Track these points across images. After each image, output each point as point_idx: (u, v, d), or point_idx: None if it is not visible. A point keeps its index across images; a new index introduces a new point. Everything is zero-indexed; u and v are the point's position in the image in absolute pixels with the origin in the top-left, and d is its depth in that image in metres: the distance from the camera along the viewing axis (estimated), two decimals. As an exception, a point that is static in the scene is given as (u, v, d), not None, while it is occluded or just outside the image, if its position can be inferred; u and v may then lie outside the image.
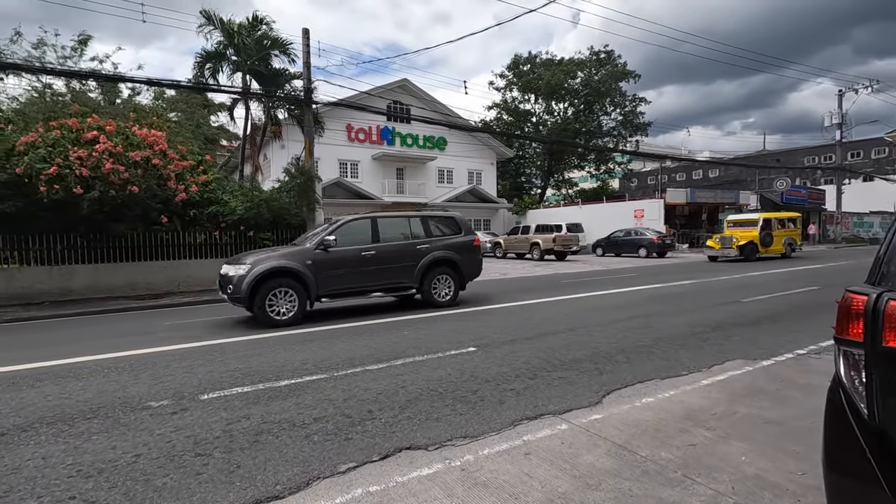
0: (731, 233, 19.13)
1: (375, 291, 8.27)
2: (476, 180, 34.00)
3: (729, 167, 64.04)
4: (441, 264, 8.73)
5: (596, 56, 42.89)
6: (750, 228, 19.07)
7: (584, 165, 49.16)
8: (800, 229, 21.16)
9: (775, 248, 19.24)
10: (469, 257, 9.10)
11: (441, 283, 8.80)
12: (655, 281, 12.30)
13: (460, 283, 9.07)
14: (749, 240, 18.49)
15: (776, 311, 7.64)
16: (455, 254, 8.85)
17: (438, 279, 8.75)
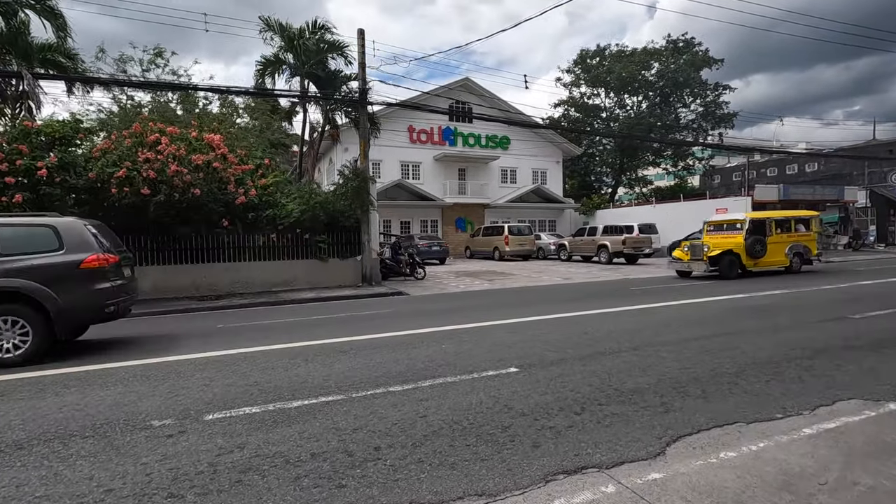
0: (707, 240, 14.29)
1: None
2: (541, 179, 32.79)
3: (829, 161, 57.30)
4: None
5: (674, 44, 39.97)
6: (734, 233, 14.25)
7: (659, 162, 46.04)
8: (819, 233, 15.67)
9: (772, 260, 14.37)
10: (69, 289, 5.87)
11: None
12: (738, 290, 10.80)
13: (49, 331, 5.84)
14: (726, 248, 13.56)
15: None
16: (35, 284, 5.75)
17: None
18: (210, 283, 12.54)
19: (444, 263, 22.37)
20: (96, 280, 6.06)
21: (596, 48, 42.21)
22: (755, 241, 13.82)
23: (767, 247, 14.06)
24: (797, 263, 14.77)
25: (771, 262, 14.41)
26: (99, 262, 6.09)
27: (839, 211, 26.59)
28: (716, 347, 5.65)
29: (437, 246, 21.85)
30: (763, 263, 14.20)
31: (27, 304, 5.75)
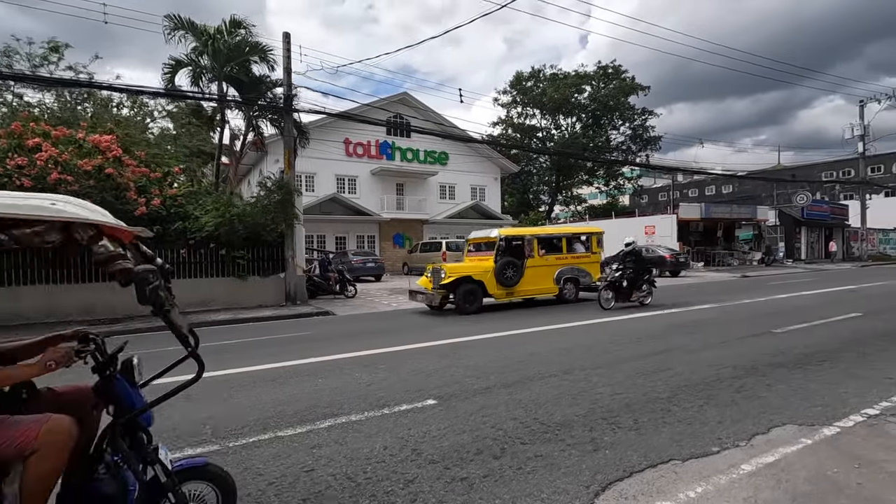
0: (446, 266, 11.11)
1: None
2: (479, 196, 32.87)
3: (743, 183, 62.39)
4: None
5: (603, 70, 41.98)
6: (488, 255, 11.40)
7: (593, 181, 47.92)
8: (601, 255, 12.68)
9: (534, 288, 11.47)
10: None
11: None
12: (669, 306, 10.91)
13: None
14: (464, 275, 10.66)
15: (823, 348, 6.23)
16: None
17: None
18: (108, 305, 11.04)
19: (379, 280, 21.55)
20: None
21: (531, 70, 43.50)
22: (505, 265, 10.91)
23: (525, 271, 11.19)
24: (570, 292, 11.93)
25: (532, 291, 11.51)
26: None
27: (753, 229, 28.56)
28: (650, 367, 5.35)
29: (371, 262, 21.00)
30: (521, 292, 11.33)
31: None
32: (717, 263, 25.91)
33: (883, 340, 6.54)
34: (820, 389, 4.47)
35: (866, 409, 3.92)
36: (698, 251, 26.06)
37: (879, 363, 5.35)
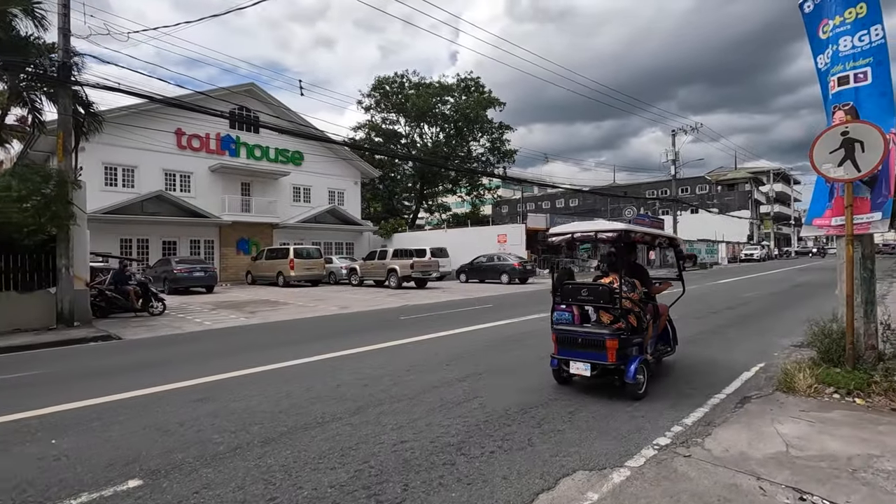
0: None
1: None
2: (338, 200, 31.26)
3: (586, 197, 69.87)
4: None
5: (464, 82, 43.31)
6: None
7: (455, 190, 49.13)
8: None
9: None
10: None
11: None
12: (509, 315, 10.79)
13: None
14: None
15: (629, 359, 6.21)
16: None
17: None
18: None
19: (211, 291, 18.83)
20: None
21: (394, 75, 43.17)
22: None
23: None
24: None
25: None
26: None
27: (591, 239, 31.41)
28: (455, 398, 4.66)
29: (200, 271, 18.23)
30: None
31: None
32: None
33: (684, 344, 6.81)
34: (618, 413, 4.15)
35: (658, 439, 3.61)
36: (545, 259, 27.74)
37: (677, 377, 5.37)
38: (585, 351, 4.67)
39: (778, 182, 71.77)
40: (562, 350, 4.92)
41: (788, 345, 6.97)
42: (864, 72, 4.84)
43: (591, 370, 4.60)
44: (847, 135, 4.65)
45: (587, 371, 4.63)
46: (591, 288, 5.00)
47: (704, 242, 47.21)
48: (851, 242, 4.67)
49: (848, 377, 4.54)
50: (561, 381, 5.11)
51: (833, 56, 5.07)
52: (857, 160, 4.61)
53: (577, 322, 4.95)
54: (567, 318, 5.00)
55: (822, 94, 5.38)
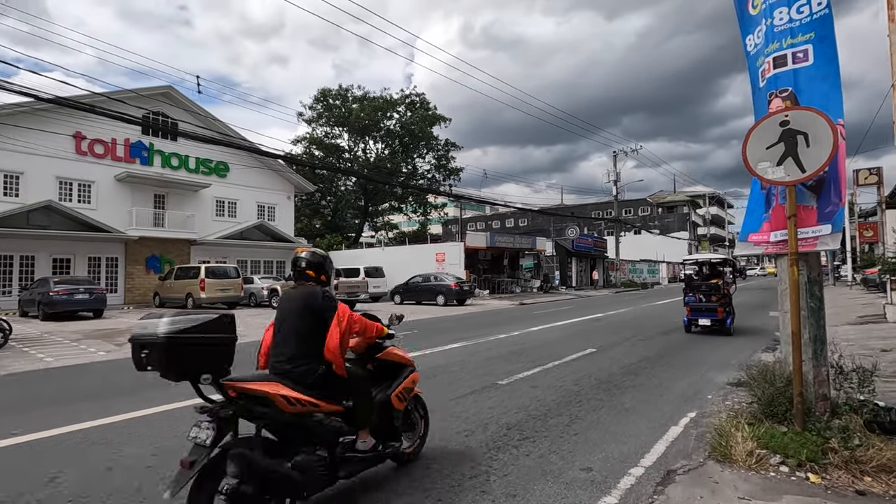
0: None
1: None
2: (268, 215, 29.11)
3: (536, 217, 70.41)
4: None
5: (408, 98, 42.43)
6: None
7: (402, 208, 47.77)
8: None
9: None
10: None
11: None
12: (430, 344, 9.40)
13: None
14: None
15: (536, 410, 4.95)
16: None
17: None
18: None
19: (100, 316, 16.32)
20: None
21: (338, 88, 41.76)
22: None
23: None
24: None
25: None
26: None
27: (534, 258, 30.82)
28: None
29: (84, 293, 15.71)
30: None
31: None
32: (501, 291, 26.87)
33: (601, 391, 5.63)
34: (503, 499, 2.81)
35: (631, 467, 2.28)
36: (486, 279, 26.73)
37: (582, 441, 4.11)
38: (707, 314, 10.13)
39: (713, 205, 75.23)
40: (693, 314, 10.34)
41: (724, 382, 5.95)
42: (805, 50, 3.88)
43: (710, 322, 10.08)
44: (787, 125, 3.64)
45: (708, 322, 10.12)
46: (707, 284, 10.44)
47: (646, 263, 48.06)
48: (796, 263, 3.61)
49: (798, 442, 3.42)
50: (688, 331, 10.51)
51: (767, 33, 4.11)
52: (800, 157, 3.59)
53: (697, 301, 10.32)
54: (692, 300, 10.39)
55: (752, 84, 4.42)
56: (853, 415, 3.59)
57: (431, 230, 55.98)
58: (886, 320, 10.77)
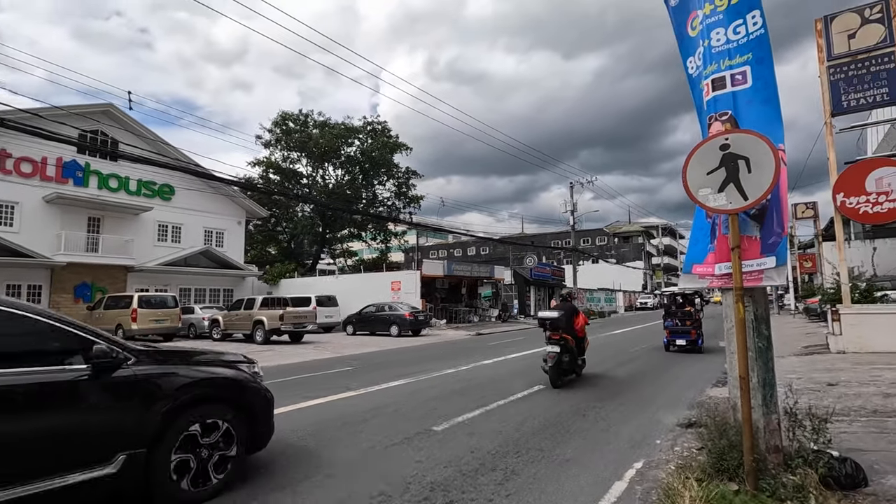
0: None
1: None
2: (216, 241, 27.73)
3: (497, 246, 70.87)
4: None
5: (370, 125, 42.25)
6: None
7: (362, 235, 46.88)
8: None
9: None
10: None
11: None
12: (370, 380, 8.69)
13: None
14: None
15: (468, 465, 4.38)
16: None
17: None
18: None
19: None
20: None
21: (298, 112, 41.16)
22: None
23: None
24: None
25: None
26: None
27: (492, 287, 30.58)
28: None
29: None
30: None
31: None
32: (459, 320, 26.33)
33: (545, 437, 5.13)
34: None
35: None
36: (443, 308, 26.15)
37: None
38: (683, 335, 12.25)
39: (666, 236, 78.04)
40: (672, 335, 12.47)
41: (674, 424, 5.57)
42: (743, 72, 3.66)
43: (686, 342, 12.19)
44: (728, 149, 3.36)
45: (684, 342, 12.23)
46: (682, 311, 12.67)
47: (604, 291, 48.76)
48: (742, 299, 3.27)
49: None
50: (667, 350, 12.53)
51: (705, 55, 3.89)
52: (742, 183, 3.30)
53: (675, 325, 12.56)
54: (671, 324, 12.60)
55: (697, 108, 4.20)
56: (808, 469, 3.21)
57: (392, 258, 55.12)
58: (829, 350, 10.87)
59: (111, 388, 3.17)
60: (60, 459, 2.90)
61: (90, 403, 3.09)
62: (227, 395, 3.83)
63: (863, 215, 10.47)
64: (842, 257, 11.21)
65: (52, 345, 3.10)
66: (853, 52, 10.91)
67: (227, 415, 3.72)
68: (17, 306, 3.08)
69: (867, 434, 4.68)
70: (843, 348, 10.55)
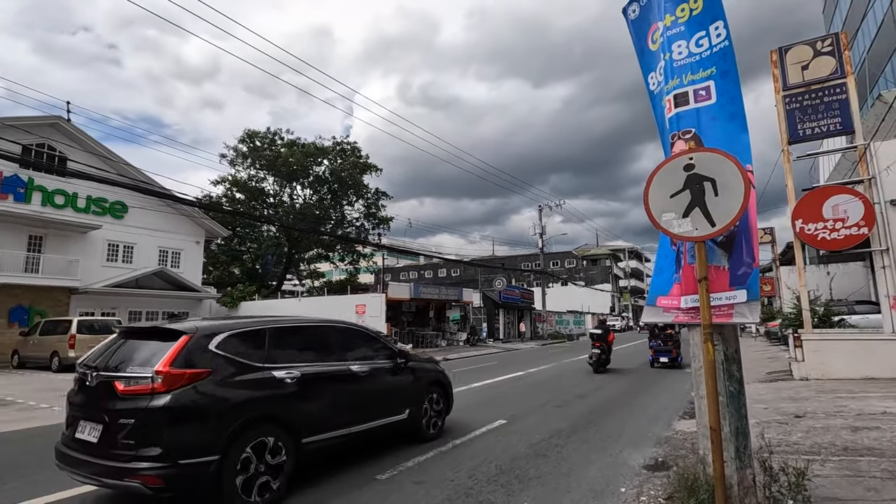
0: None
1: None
2: (172, 261, 26.41)
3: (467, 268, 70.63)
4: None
5: (339, 145, 41.75)
6: None
7: (329, 256, 45.83)
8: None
9: None
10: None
11: None
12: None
13: None
14: None
15: (457, 498, 3.82)
16: None
17: None
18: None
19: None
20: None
21: (266, 130, 40.33)
22: None
23: None
24: None
25: None
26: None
27: (461, 310, 30.09)
28: None
29: None
30: None
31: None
32: (426, 344, 25.65)
33: (498, 486, 4.61)
34: None
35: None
36: (410, 332, 25.44)
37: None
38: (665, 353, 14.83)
39: (632, 259, 79.59)
40: (656, 354, 14.96)
41: (640, 466, 5.15)
42: (707, 87, 3.38)
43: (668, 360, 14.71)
44: (692, 169, 3.03)
45: (666, 359, 14.77)
46: (664, 333, 15.10)
47: (572, 314, 48.92)
48: (710, 338, 2.90)
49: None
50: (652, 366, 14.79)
51: (666, 69, 3.61)
52: (708, 207, 2.96)
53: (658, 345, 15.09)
54: (655, 345, 15.10)
55: (658, 127, 3.90)
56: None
57: (362, 279, 54.00)
58: (793, 377, 10.79)
59: (403, 373, 5.94)
60: (382, 410, 5.51)
61: (394, 380, 5.78)
62: (443, 380, 6.86)
63: (821, 241, 10.55)
64: (802, 282, 11.24)
65: (378, 349, 5.82)
66: (807, 83, 11.16)
67: (441, 391, 6.69)
68: (365, 329, 6.15)
69: (841, 478, 4.36)
70: (806, 375, 10.47)
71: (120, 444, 3.58)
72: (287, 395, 4.36)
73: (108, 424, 3.67)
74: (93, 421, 3.82)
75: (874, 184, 10.40)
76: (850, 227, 10.16)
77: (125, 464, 3.51)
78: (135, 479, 3.46)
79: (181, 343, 3.88)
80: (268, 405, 4.21)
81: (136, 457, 3.51)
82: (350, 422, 4.98)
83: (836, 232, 10.29)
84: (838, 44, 11.00)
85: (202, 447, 3.65)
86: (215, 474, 3.67)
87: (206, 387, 3.82)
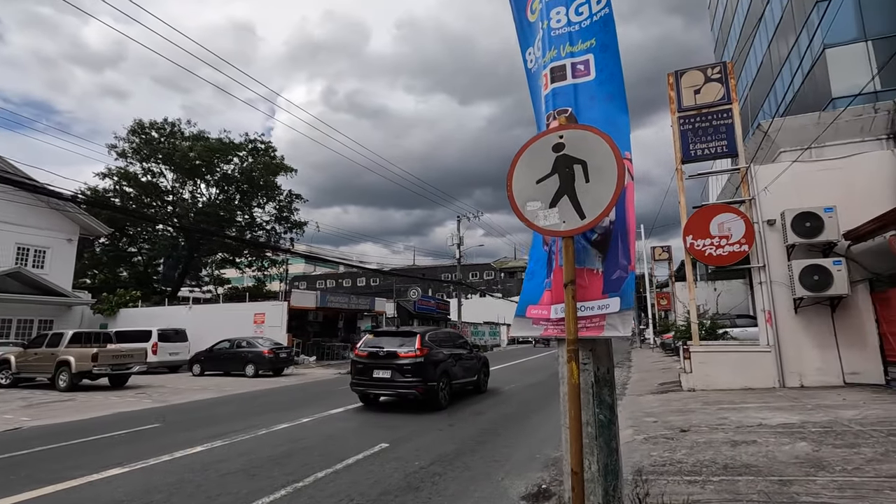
0: None
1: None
2: (35, 261, 22.81)
3: (387, 278, 69.33)
4: None
5: (252, 143, 39.05)
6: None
7: (237, 262, 42.50)
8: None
9: None
10: None
11: None
12: (168, 444, 6.68)
13: None
14: None
15: None
16: None
17: None
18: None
19: None
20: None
21: (163, 121, 36.65)
22: None
23: None
24: None
25: None
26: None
27: (372, 320, 28.96)
28: None
29: None
30: None
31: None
32: (333, 356, 24.22)
33: None
34: None
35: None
36: (315, 343, 23.90)
37: None
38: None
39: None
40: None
41: (520, 496, 4.60)
42: (585, 61, 2.90)
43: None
44: (562, 149, 2.49)
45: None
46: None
47: (489, 325, 49.40)
48: (575, 357, 2.34)
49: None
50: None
51: (544, 39, 3.10)
52: (578, 197, 2.43)
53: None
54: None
55: (534, 108, 3.39)
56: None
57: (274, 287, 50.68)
58: (682, 388, 11.08)
59: (474, 358, 12.10)
60: (468, 374, 11.40)
61: (472, 360, 11.84)
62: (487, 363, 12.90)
63: (708, 257, 10.99)
64: (692, 296, 11.68)
65: (465, 344, 12.22)
66: (698, 106, 11.72)
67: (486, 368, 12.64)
68: (461, 333, 18.99)
69: (721, 503, 4.08)
70: (693, 386, 10.78)
71: (403, 377, 9.35)
72: (447, 360, 10.13)
73: (395, 369, 9.44)
74: (384, 369, 9.53)
75: (753, 204, 11.05)
76: (734, 244, 10.67)
77: (408, 385, 9.31)
78: (412, 390, 9.24)
79: (419, 337, 9.77)
80: (444, 364, 9.98)
81: (412, 383, 9.27)
82: (462, 378, 10.94)
83: (722, 248, 10.76)
84: (725, 72, 11.68)
85: (433, 378, 9.41)
86: (435, 390, 9.42)
87: (429, 356, 9.55)
